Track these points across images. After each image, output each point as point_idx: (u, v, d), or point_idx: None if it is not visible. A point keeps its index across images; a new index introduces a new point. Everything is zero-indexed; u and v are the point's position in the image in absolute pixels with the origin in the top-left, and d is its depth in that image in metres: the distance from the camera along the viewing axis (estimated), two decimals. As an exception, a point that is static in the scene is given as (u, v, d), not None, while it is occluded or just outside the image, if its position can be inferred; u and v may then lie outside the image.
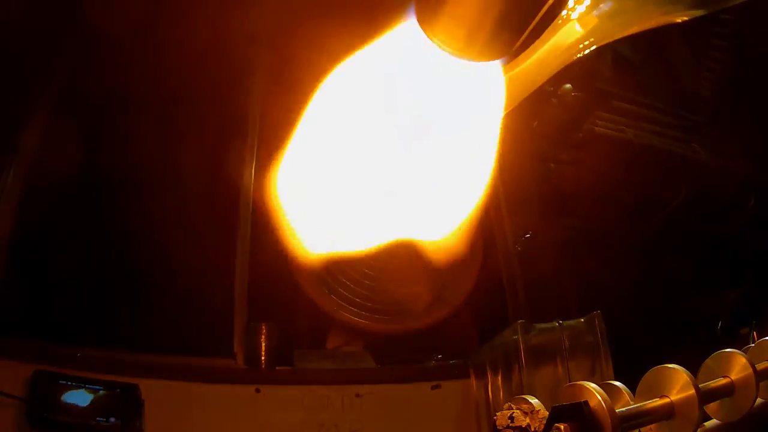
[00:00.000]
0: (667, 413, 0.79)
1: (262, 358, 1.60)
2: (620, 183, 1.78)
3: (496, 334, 1.50)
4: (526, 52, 0.50)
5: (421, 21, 0.41)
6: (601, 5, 0.51)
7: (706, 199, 1.84)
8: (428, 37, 0.41)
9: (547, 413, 0.75)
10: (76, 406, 1.24)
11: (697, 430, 0.77)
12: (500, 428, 0.76)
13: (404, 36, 0.44)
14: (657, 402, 0.80)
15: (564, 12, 0.52)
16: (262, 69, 2.14)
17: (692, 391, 0.78)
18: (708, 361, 0.94)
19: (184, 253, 1.80)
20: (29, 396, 1.20)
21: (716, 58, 2.43)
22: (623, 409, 0.75)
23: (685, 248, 1.89)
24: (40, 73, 1.82)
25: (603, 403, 0.69)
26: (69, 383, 1.25)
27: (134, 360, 1.53)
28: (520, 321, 1.39)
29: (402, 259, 1.93)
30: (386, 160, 0.48)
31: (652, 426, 0.75)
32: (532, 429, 0.75)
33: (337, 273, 1.81)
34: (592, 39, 0.51)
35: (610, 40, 0.52)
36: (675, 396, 0.79)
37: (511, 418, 0.77)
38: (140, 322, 1.65)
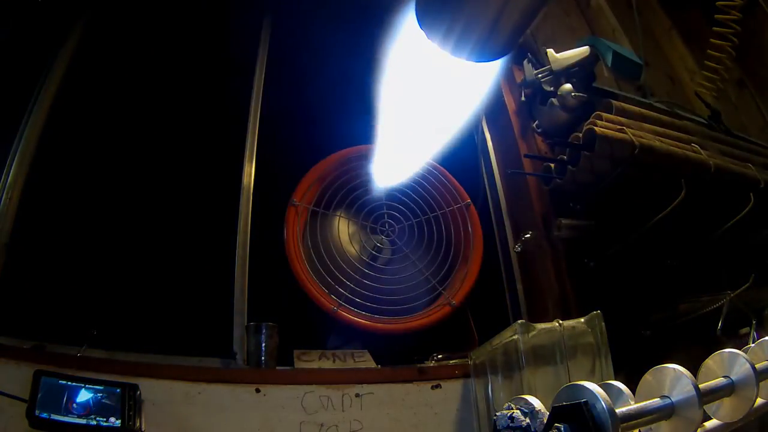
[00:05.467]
0: (667, 413, 0.79)
1: (262, 358, 1.61)
2: (620, 182, 1.78)
3: (496, 334, 1.50)
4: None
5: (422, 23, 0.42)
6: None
7: (707, 199, 1.84)
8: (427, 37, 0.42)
9: (547, 413, 0.75)
10: (76, 406, 1.23)
11: (697, 430, 0.77)
12: (500, 428, 0.76)
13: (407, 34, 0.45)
14: (657, 402, 0.80)
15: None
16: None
17: (692, 391, 0.78)
18: (708, 361, 0.94)
19: (184, 253, 1.81)
20: (29, 396, 1.20)
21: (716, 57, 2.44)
22: (623, 409, 0.75)
23: (685, 248, 1.89)
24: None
25: (603, 403, 0.69)
26: (69, 383, 1.25)
27: (134, 360, 1.53)
28: (520, 321, 1.38)
29: (402, 258, 1.93)
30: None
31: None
32: (532, 429, 0.75)
33: (338, 273, 1.81)
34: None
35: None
36: (675, 396, 0.79)
37: (511, 418, 0.77)
38: (140, 322, 1.65)
